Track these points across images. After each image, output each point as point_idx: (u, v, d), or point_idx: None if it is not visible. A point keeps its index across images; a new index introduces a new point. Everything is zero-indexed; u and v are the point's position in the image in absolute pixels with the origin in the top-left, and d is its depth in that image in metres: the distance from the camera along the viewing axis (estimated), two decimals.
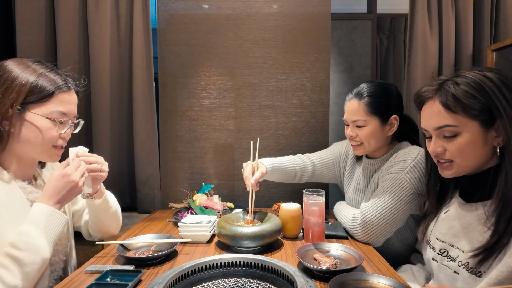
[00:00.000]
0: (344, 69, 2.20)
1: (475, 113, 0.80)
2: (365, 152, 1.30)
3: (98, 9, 1.65)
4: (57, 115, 0.90)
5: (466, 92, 0.80)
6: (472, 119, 0.81)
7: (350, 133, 1.27)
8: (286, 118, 1.74)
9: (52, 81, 0.89)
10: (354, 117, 1.24)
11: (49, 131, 0.90)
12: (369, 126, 1.22)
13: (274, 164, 1.44)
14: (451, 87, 0.83)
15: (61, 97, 0.91)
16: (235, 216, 1.25)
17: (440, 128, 0.84)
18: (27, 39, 1.64)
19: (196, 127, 1.75)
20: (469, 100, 0.80)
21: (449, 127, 0.83)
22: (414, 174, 1.13)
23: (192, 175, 1.76)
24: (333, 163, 1.51)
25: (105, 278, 0.88)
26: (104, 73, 1.67)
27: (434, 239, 0.96)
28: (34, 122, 0.88)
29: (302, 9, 1.71)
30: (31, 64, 0.89)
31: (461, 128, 0.82)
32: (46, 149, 0.92)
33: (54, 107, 0.89)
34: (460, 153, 0.83)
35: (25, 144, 0.89)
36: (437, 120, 0.85)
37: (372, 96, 1.22)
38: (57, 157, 0.96)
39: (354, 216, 1.21)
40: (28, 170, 0.96)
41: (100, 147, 1.69)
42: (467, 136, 0.82)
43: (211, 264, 0.93)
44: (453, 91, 0.82)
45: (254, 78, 1.73)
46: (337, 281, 0.81)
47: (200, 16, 1.71)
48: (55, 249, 0.97)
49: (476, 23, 1.77)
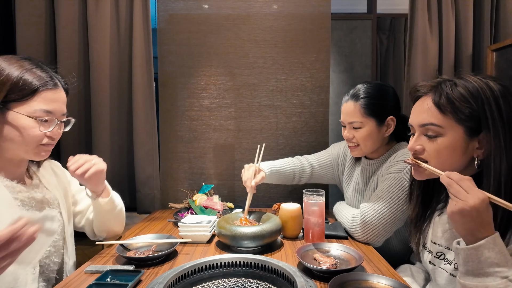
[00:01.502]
0: (344, 69, 2.20)
1: (463, 118, 0.78)
2: (362, 154, 1.30)
3: (98, 9, 1.65)
4: (41, 113, 0.87)
5: (461, 95, 0.79)
6: (458, 123, 0.79)
7: (347, 134, 1.27)
8: (286, 118, 1.74)
9: (38, 77, 0.87)
10: (350, 118, 1.24)
11: (32, 130, 0.87)
12: (365, 127, 1.23)
13: (272, 168, 1.46)
14: (448, 87, 0.81)
15: (45, 95, 0.88)
16: (235, 216, 1.25)
17: (425, 125, 0.83)
18: (27, 38, 1.64)
19: (196, 127, 1.75)
20: (461, 103, 0.78)
21: (434, 126, 0.81)
22: None
23: (192, 175, 1.76)
24: (331, 164, 1.52)
25: (105, 278, 0.88)
26: (104, 73, 1.67)
27: (430, 243, 0.94)
28: (16, 121, 0.85)
29: (302, 9, 1.71)
30: (19, 60, 0.87)
31: (445, 130, 0.80)
32: (31, 148, 0.89)
33: (37, 105, 0.86)
34: (437, 155, 0.82)
35: (9, 143, 0.87)
36: (424, 116, 0.83)
37: (368, 97, 1.22)
38: (45, 154, 0.94)
39: (354, 216, 1.21)
40: (16, 169, 0.94)
41: (100, 147, 1.68)
42: (448, 140, 0.80)
43: (211, 264, 0.93)
44: (448, 91, 0.80)
45: (254, 78, 1.73)
46: (337, 281, 0.81)
47: (200, 16, 1.71)
48: (47, 251, 0.96)
49: (476, 23, 1.77)
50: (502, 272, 0.66)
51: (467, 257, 0.68)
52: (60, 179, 1.12)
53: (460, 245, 0.71)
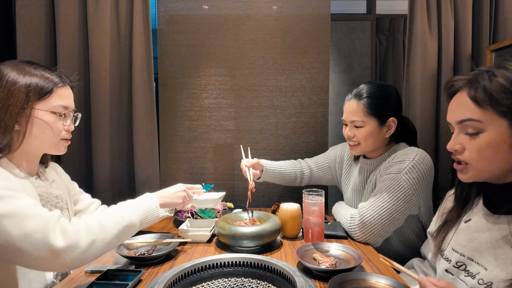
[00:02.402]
0: (343, 70, 2.20)
1: (505, 110, 0.70)
2: (362, 152, 1.31)
3: (98, 9, 1.65)
4: (60, 108, 0.95)
5: (501, 85, 0.71)
6: (501, 116, 0.70)
7: (348, 133, 1.28)
8: (285, 119, 1.75)
9: (49, 79, 0.94)
10: (352, 117, 1.25)
11: (55, 125, 0.95)
12: (367, 127, 1.23)
13: (274, 166, 1.51)
14: (485, 79, 0.73)
15: (60, 92, 0.96)
16: (235, 216, 1.26)
17: (463, 122, 0.75)
18: (27, 39, 1.64)
19: (196, 127, 1.75)
20: (501, 94, 0.70)
21: (473, 121, 0.73)
22: (412, 175, 1.14)
23: (192, 175, 1.76)
24: (328, 166, 1.56)
25: (105, 278, 0.89)
26: (104, 74, 1.67)
27: (451, 250, 0.86)
28: (42, 118, 0.93)
29: (302, 10, 1.71)
30: (25, 66, 0.93)
31: (486, 125, 0.72)
32: (54, 142, 0.97)
33: (55, 101, 0.94)
34: (478, 154, 0.74)
35: (33, 140, 0.93)
36: (461, 112, 0.76)
37: (371, 97, 1.22)
38: (64, 149, 1.02)
39: (352, 217, 1.22)
40: (34, 166, 1.00)
41: (99, 147, 1.68)
42: (491, 135, 0.72)
43: (211, 264, 0.94)
44: (485, 83, 0.72)
45: (253, 78, 1.74)
46: (337, 281, 0.81)
47: (200, 17, 1.71)
48: None
49: (475, 23, 1.77)
50: None
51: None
52: (63, 180, 1.15)
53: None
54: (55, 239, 0.75)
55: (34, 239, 0.73)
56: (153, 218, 0.97)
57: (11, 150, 0.90)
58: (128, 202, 0.95)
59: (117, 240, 0.87)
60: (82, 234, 0.79)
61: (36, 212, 0.77)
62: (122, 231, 0.87)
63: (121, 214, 0.89)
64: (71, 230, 0.78)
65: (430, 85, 1.70)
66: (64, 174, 1.19)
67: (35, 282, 0.92)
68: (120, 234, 0.87)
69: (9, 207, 0.75)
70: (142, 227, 0.94)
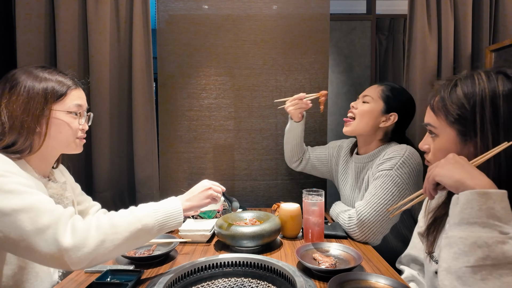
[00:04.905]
0: (343, 70, 2.20)
1: (452, 120, 0.76)
2: (353, 131, 1.36)
3: (98, 9, 1.65)
4: (75, 108, 0.99)
5: (456, 96, 0.75)
6: (450, 126, 0.77)
7: (353, 104, 1.37)
8: (285, 119, 1.75)
9: (63, 82, 0.99)
10: (367, 92, 1.34)
11: (72, 124, 0.99)
12: (371, 104, 1.31)
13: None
14: (447, 88, 0.78)
15: (74, 93, 1.00)
16: (235, 216, 1.26)
17: (426, 125, 0.84)
18: (27, 39, 1.64)
19: (196, 127, 1.75)
20: (452, 105, 0.75)
21: (430, 126, 0.82)
22: (403, 170, 1.18)
23: (191, 175, 1.76)
24: (326, 158, 1.61)
25: (105, 278, 0.89)
26: (103, 74, 1.67)
27: (439, 251, 0.85)
28: (60, 118, 0.96)
29: (301, 10, 1.72)
30: (39, 72, 0.96)
31: (439, 131, 0.79)
32: (71, 141, 1.00)
33: (70, 102, 0.98)
34: (434, 156, 0.82)
35: (52, 140, 0.96)
36: (426, 116, 0.84)
37: (391, 86, 1.32)
38: (81, 148, 1.05)
39: (350, 217, 1.23)
40: (48, 167, 1.02)
41: (99, 147, 1.68)
42: (442, 141, 0.79)
43: (211, 264, 0.94)
44: (444, 93, 0.78)
45: (253, 78, 1.74)
46: (336, 281, 0.81)
47: (200, 17, 1.71)
48: None
49: (475, 23, 1.77)
50: (502, 227, 0.59)
51: (467, 202, 0.61)
52: (68, 181, 1.16)
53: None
54: (64, 236, 0.75)
55: (46, 235, 0.74)
56: (175, 223, 0.90)
57: (32, 151, 0.92)
58: (148, 205, 0.91)
59: (129, 244, 0.82)
60: (91, 233, 0.78)
61: (50, 207, 0.78)
62: (135, 234, 0.82)
63: (137, 215, 0.85)
64: (81, 229, 0.78)
65: (430, 85, 1.70)
66: (69, 175, 1.19)
67: (45, 282, 0.94)
68: (132, 237, 0.82)
69: (25, 202, 0.75)
70: (161, 232, 0.88)
